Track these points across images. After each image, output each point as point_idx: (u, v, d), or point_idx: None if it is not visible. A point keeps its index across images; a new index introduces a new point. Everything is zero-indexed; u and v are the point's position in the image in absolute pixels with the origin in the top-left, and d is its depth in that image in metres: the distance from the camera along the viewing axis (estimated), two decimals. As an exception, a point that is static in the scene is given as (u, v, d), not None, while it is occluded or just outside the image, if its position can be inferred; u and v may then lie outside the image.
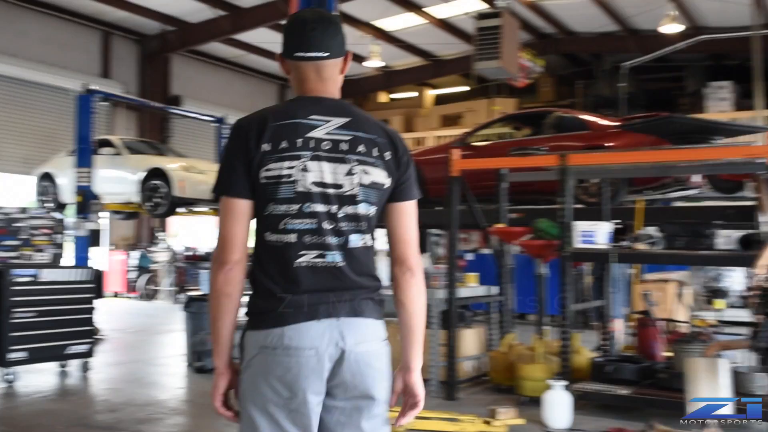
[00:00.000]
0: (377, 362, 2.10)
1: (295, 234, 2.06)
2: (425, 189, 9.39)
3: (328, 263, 2.07)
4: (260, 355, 2.03)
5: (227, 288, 2.06)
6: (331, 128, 2.09)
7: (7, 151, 15.63)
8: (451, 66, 20.80)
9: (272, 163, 2.04)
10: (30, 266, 7.04)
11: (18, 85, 15.70)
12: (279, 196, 2.05)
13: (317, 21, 2.11)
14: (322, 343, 2.02)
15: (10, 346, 6.66)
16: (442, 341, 6.69)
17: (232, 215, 2.07)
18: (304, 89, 2.16)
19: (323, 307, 2.04)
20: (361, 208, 2.09)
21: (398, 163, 2.15)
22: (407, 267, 2.19)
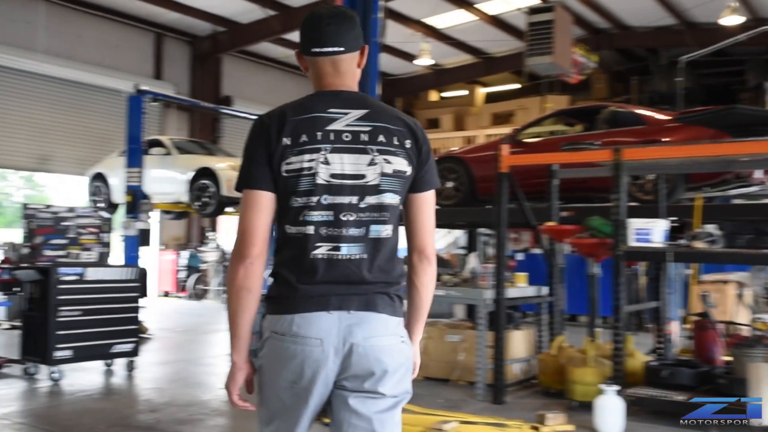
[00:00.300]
0: (388, 357, 2.08)
1: (313, 226, 2.07)
2: (474, 187, 9.21)
3: (344, 255, 2.07)
4: (271, 339, 2.09)
5: (247, 282, 2.08)
6: (350, 120, 2.11)
7: (62, 153, 15.89)
8: (502, 63, 20.48)
9: (293, 156, 2.07)
10: (76, 265, 7.06)
11: (73, 88, 15.95)
12: (299, 188, 2.07)
13: (332, 17, 2.15)
14: (329, 335, 2.04)
15: (56, 344, 6.69)
16: (489, 343, 6.49)
17: (253, 208, 2.09)
18: (322, 84, 2.19)
19: (335, 299, 2.06)
20: (386, 197, 2.11)
21: (419, 151, 2.17)
22: (425, 256, 2.24)
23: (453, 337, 7.24)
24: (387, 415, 2.10)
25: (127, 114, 11.53)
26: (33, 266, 6.92)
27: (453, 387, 7.01)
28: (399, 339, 2.14)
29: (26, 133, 15.23)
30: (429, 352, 7.36)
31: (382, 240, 2.11)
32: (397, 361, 2.10)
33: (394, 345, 2.11)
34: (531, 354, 7.29)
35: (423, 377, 7.33)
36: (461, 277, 7.20)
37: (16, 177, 20.19)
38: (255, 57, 19.93)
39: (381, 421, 2.09)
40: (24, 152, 15.32)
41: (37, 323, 6.83)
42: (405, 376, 2.14)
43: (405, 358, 2.14)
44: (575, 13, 15.16)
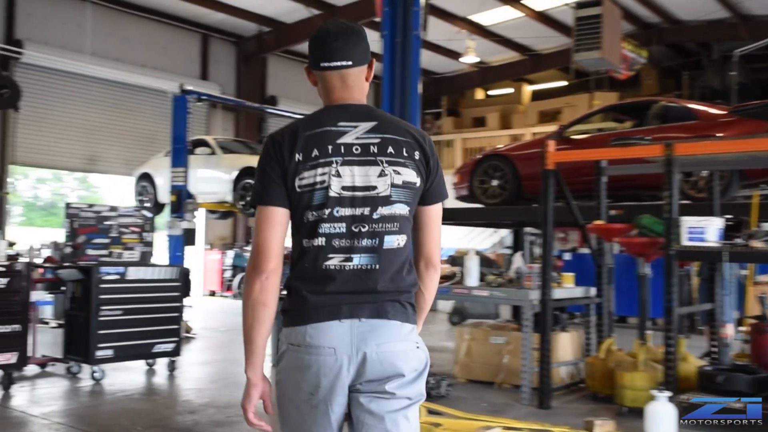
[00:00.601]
0: (402, 363, 2.11)
1: (325, 238, 2.11)
2: (520, 185, 9.01)
3: (356, 266, 2.11)
4: (288, 351, 2.12)
5: (263, 296, 2.10)
6: (359, 133, 2.15)
7: (110, 153, 16.10)
8: (549, 60, 20.15)
9: (306, 171, 2.11)
10: (117, 264, 7.06)
11: (121, 89, 16.14)
12: (313, 202, 2.11)
13: (340, 32, 2.19)
14: (341, 344, 2.06)
15: (98, 343, 6.70)
16: (535, 345, 6.30)
17: (268, 224, 2.13)
18: (331, 98, 2.23)
19: (346, 308, 2.08)
20: (397, 208, 2.15)
21: (427, 163, 2.20)
22: (432, 264, 2.30)
23: (497, 338, 7.06)
24: (400, 414, 2.12)
25: (172, 114, 11.64)
26: (75, 265, 6.94)
27: (497, 390, 6.83)
28: (413, 344, 2.16)
29: (75, 135, 15.48)
30: (473, 354, 7.20)
31: (394, 250, 2.14)
32: (411, 365, 2.13)
33: (408, 351, 2.14)
34: (578, 357, 7.08)
35: (466, 380, 7.18)
36: (506, 277, 7.02)
37: (71, 178, 20.55)
38: (300, 57, 19.94)
39: (394, 421, 2.10)
40: (73, 153, 15.57)
41: (79, 322, 6.86)
42: (419, 379, 2.16)
43: (419, 362, 2.16)
44: (624, 8, 14.79)
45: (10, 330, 6.24)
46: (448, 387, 6.48)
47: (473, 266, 6.77)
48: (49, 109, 14.94)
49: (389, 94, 5.48)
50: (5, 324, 6.21)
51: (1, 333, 6.20)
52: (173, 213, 11.10)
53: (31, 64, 14.52)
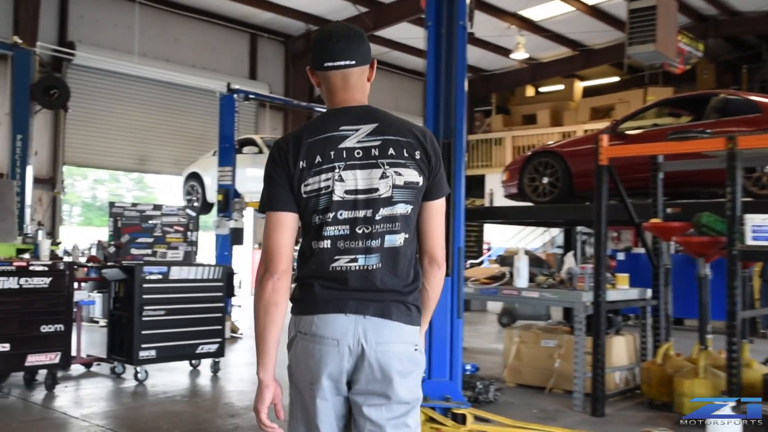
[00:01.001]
0: (398, 364, 2.17)
1: (330, 240, 2.19)
2: (571, 183, 8.71)
3: (361, 266, 2.19)
4: (297, 338, 2.21)
5: (275, 297, 2.18)
6: (361, 136, 2.22)
7: (160, 153, 16.21)
8: (601, 55, 19.67)
9: (310, 178, 2.19)
10: (160, 264, 7.00)
11: (170, 89, 16.23)
12: (319, 207, 2.19)
13: (342, 33, 2.26)
14: (345, 336, 2.15)
15: (141, 344, 6.64)
16: (588, 349, 6.02)
17: (277, 228, 2.21)
18: (333, 101, 2.30)
19: (352, 303, 2.16)
20: (399, 208, 2.21)
21: (428, 160, 2.25)
22: (435, 260, 2.33)
23: (549, 342, 6.80)
24: (400, 421, 2.19)
25: (219, 113, 11.64)
26: (117, 265, 6.90)
27: (548, 396, 6.57)
28: (412, 347, 2.22)
29: (126, 135, 15.61)
30: (522, 358, 6.95)
31: (396, 249, 2.21)
32: (407, 367, 2.19)
33: (405, 352, 2.19)
34: (633, 362, 6.77)
35: (516, 384, 6.93)
36: (557, 278, 6.75)
37: (127, 179, 20.84)
38: (348, 55, 19.81)
39: (395, 427, 2.18)
40: (124, 153, 15.72)
41: (122, 322, 6.82)
42: (415, 383, 2.23)
43: (416, 365, 2.23)
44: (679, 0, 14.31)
45: (53, 330, 6.21)
46: (496, 392, 6.25)
47: (523, 266, 6.52)
48: (100, 109, 15.10)
49: (434, 87, 5.27)
50: (48, 324, 6.18)
51: (44, 333, 6.17)
52: (220, 212, 11.09)
53: (83, 66, 14.69)
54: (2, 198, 6.82)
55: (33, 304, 6.14)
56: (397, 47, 18.98)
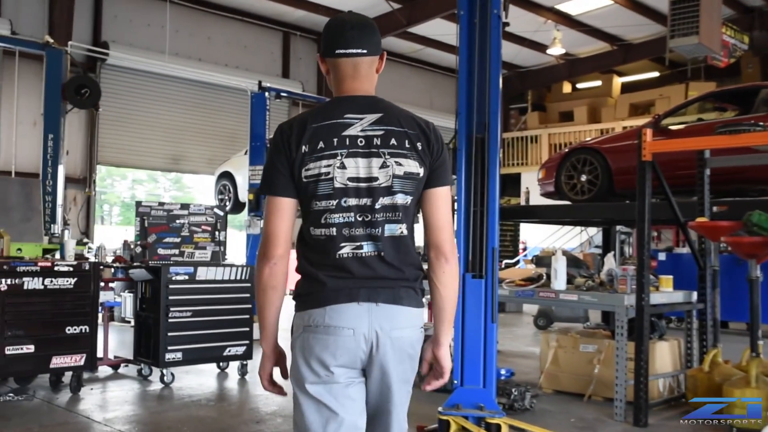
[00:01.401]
0: (410, 349, 2.27)
1: (335, 227, 2.20)
2: (611, 180, 8.41)
3: (366, 253, 2.21)
4: (303, 333, 2.21)
5: (272, 281, 2.22)
6: (365, 125, 2.23)
7: (193, 152, 16.16)
8: (640, 50, 19.17)
9: (312, 162, 2.20)
10: (187, 264, 6.85)
11: (203, 89, 16.16)
12: (319, 192, 2.20)
13: (356, 22, 2.30)
14: (360, 325, 2.17)
15: (167, 346, 6.50)
16: (630, 355, 5.73)
17: (276, 213, 2.23)
18: (341, 89, 2.32)
19: (364, 291, 2.18)
20: (398, 198, 2.23)
21: (430, 151, 2.28)
22: (441, 252, 2.29)
23: (588, 347, 6.51)
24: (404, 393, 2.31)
25: (251, 112, 11.53)
26: (143, 265, 6.77)
27: (587, 404, 6.27)
28: (419, 330, 2.30)
29: (159, 134, 15.59)
30: (560, 363, 6.67)
31: (397, 238, 2.24)
32: (416, 349, 2.29)
33: (415, 335, 2.28)
34: (678, 368, 6.46)
35: (553, 391, 6.66)
36: (597, 279, 6.45)
37: (165, 179, 20.93)
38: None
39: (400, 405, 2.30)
40: (157, 153, 15.70)
41: (148, 324, 6.68)
42: (417, 360, 2.32)
43: (420, 344, 2.33)
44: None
45: (78, 331, 6.08)
46: (532, 399, 5.98)
47: (560, 268, 6.24)
48: (133, 109, 15.09)
49: (466, 80, 5.03)
50: (73, 325, 6.06)
51: (69, 334, 6.04)
52: (251, 212, 10.96)
53: (116, 66, 14.69)
54: (29, 198, 6.74)
55: (58, 305, 6.02)
56: (430, 44, 18.76)
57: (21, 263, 5.90)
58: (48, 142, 9.66)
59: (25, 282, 5.84)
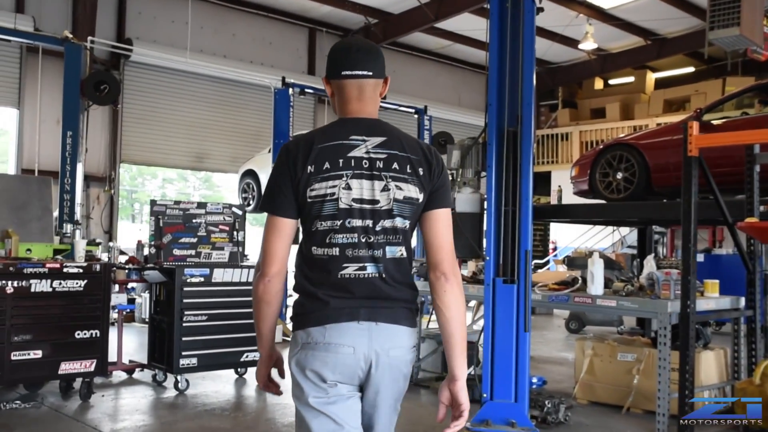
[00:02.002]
0: (405, 368, 2.29)
1: (338, 248, 2.22)
2: (649, 178, 7.98)
3: (369, 274, 2.23)
4: (301, 351, 2.21)
5: (266, 296, 2.26)
6: (369, 147, 2.25)
7: (217, 150, 15.94)
8: (675, 45, 18.61)
9: (317, 183, 2.21)
10: (202, 266, 6.57)
11: (228, 86, 15.95)
12: (324, 213, 2.22)
13: (362, 46, 2.34)
14: (360, 343, 2.18)
15: (181, 351, 6.22)
16: (674, 365, 5.32)
17: (275, 232, 2.25)
18: (346, 110, 2.34)
19: (364, 311, 2.20)
20: (398, 221, 2.26)
21: (431, 176, 2.29)
22: (441, 272, 2.27)
23: (626, 355, 6.11)
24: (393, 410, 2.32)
25: (274, 108, 11.26)
26: (157, 266, 6.49)
27: (626, 417, 5.88)
28: (412, 349, 2.32)
29: (183, 132, 15.39)
30: (596, 373, 6.27)
31: (398, 260, 2.27)
32: (408, 368, 2.31)
33: (409, 355, 2.29)
34: (725, 380, 6.03)
35: (588, 402, 6.27)
36: (635, 283, 6.03)
37: (195, 178, 20.86)
38: (408, 49, 19.31)
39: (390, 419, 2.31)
40: (181, 150, 15.50)
41: (162, 328, 6.42)
42: (408, 378, 2.34)
43: (411, 364, 2.34)
44: (766, -20, 13.28)
45: (88, 336, 5.83)
46: (567, 411, 5.60)
47: (597, 271, 5.83)
48: (157, 106, 14.93)
49: (497, 69, 4.67)
50: (83, 329, 5.80)
51: (79, 339, 5.79)
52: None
53: (140, 63, 14.52)
54: (40, 196, 6.50)
55: (67, 308, 5.77)
56: (459, 39, 18.39)
57: (28, 264, 5.65)
58: (66, 139, 9.46)
59: (33, 284, 5.59)
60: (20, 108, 13.37)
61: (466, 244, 5.35)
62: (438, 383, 6.89)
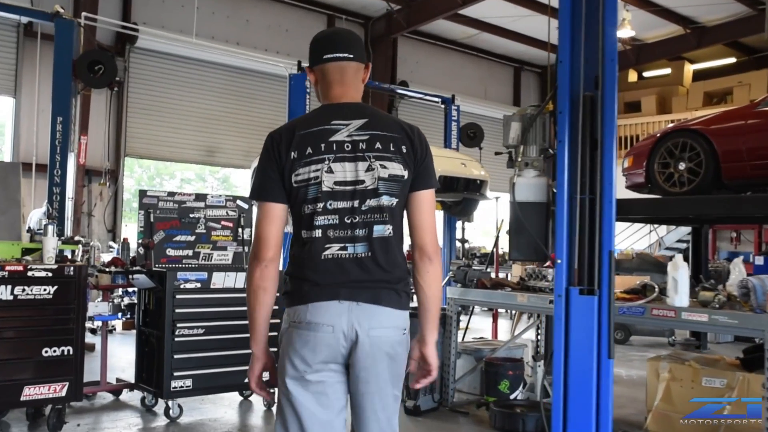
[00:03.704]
0: (390, 348, 2.32)
1: (321, 230, 2.31)
2: (717, 168, 6.88)
3: (351, 254, 2.31)
4: (289, 329, 2.31)
5: (263, 282, 2.31)
6: (351, 130, 2.35)
7: (228, 144, 15.01)
8: (716, 33, 17.45)
9: (300, 168, 2.31)
10: (200, 269, 5.56)
11: (241, 75, 15.05)
12: (309, 197, 2.31)
13: (342, 32, 2.52)
14: (339, 322, 2.26)
15: (173, 371, 5.19)
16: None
17: (267, 218, 2.33)
18: (328, 95, 2.44)
19: (344, 291, 2.28)
20: (384, 199, 2.33)
21: (414, 154, 2.38)
22: (425, 253, 2.38)
23: (713, 380, 4.98)
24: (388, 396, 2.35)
25: (289, 95, 10.28)
26: (144, 270, 5.46)
27: (717, 457, 4.79)
28: (401, 331, 2.36)
29: (192, 124, 14.49)
30: (674, 401, 5.16)
31: (384, 239, 2.33)
32: (396, 350, 2.34)
33: (395, 336, 2.34)
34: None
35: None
36: (723, 293, 4.92)
37: (213, 177, 20.05)
38: (433, 39, 18.37)
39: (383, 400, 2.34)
40: (190, 144, 14.59)
41: (150, 342, 5.40)
42: (402, 362, 2.38)
43: (404, 347, 2.38)
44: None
45: (58, 353, 4.80)
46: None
47: (682, 278, 4.72)
48: (164, 97, 14.04)
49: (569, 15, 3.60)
50: (52, 346, 4.77)
51: (47, 358, 4.76)
52: (288, 207, 9.69)
53: (146, 50, 13.63)
54: (5, 185, 5.48)
55: (32, 320, 4.73)
56: (486, 28, 17.43)
57: (-17, 267, 4.64)
58: (56, 126, 8.46)
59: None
60: (17, 97, 12.48)
61: (529, 243, 4.24)
62: (479, 409, 5.83)
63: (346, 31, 2.51)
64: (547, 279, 5.43)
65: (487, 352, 6.49)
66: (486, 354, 6.47)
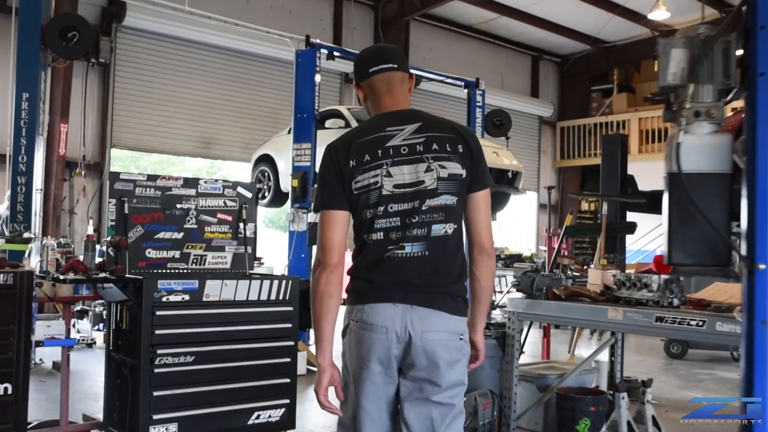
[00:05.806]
0: (443, 352, 2.36)
1: (382, 232, 2.41)
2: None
3: (408, 253, 2.39)
4: (350, 326, 2.43)
5: (329, 288, 2.37)
6: (406, 135, 2.46)
7: (227, 135, 13.72)
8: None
9: (360, 175, 2.42)
10: (189, 276, 4.21)
11: (240, 59, 13.78)
12: (369, 201, 2.42)
13: (383, 46, 2.74)
14: (393, 324, 2.34)
15: (152, 412, 3.84)
16: None
17: (331, 225, 2.41)
18: (379, 106, 2.56)
19: (400, 294, 2.36)
20: (444, 199, 2.42)
21: (470, 153, 2.47)
22: (484, 249, 2.50)
23: None
24: (446, 404, 2.36)
25: (296, 76, 9.03)
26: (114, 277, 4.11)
27: None
28: (457, 336, 2.41)
29: (186, 113, 13.20)
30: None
31: (443, 237, 2.41)
32: (453, 356, 2.38)
33: (450, 341, 2.39)
34: None
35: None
36: None
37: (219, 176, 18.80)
38: (447, 23, 17.18)
39: (440, 409, 2.35)
40: (184, 135, 13.28)
41: (122, 373, 4.05)
42: (462, 370, 2.42)
43: (462, 354, 2.42)
44: None
45: (-9, 393, 3.47)
46: None
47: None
48: (156, 82, 12.73)
49: None
50: (-19, 383, 3.45)
51: (-27, 400, 3.44)
52: (296, 203, 8.62)
53: (135, 28, 12.31)
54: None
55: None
56: (505, 11, 16.35)
57: None
58: (22, 103, 7.15)
59: None
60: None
61: (703, 238, 2.71)
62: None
63: (388, 45, 2.67)
64: (650, 288, 4.09)
65: (554, 380, 5.14)
66: (552, 382, 5.12)
